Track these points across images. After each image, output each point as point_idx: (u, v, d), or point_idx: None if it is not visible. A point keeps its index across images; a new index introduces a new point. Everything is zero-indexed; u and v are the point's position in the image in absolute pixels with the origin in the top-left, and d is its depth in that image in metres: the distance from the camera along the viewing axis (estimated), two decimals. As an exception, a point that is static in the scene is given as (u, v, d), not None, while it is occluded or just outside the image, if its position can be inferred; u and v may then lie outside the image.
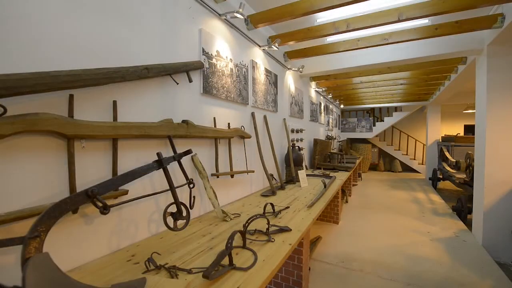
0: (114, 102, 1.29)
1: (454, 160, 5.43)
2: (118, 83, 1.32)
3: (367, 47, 3.21)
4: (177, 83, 1.69)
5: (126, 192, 1.32)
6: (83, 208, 1.18)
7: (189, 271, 1.08)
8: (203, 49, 1.94)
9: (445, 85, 5.32)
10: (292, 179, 3.33)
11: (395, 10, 2.45)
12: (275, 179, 3.16)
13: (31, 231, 0.77)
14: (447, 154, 6.02)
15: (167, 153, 1.61)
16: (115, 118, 1.29)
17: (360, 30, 2.74)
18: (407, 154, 9.97)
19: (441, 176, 6.46)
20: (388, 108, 10.15)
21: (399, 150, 9.95)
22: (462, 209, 4.06)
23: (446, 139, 6.74)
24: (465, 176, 4.82)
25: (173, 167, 1.66)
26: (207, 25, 2.03)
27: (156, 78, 1.56)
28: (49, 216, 0.81)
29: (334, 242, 3.11)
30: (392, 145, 10.25)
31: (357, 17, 2.63)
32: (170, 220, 1.34)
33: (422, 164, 9.52)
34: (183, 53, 1.78)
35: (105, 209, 0.96)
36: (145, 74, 1.41)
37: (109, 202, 1.23)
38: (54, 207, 0.83)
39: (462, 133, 9.47)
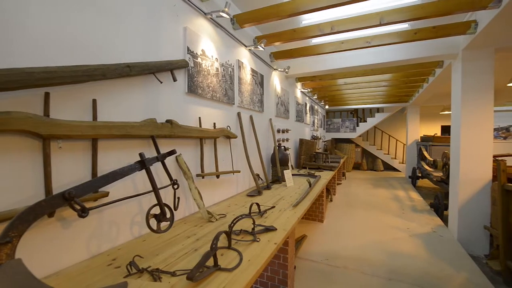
0: (94, 101, 1.24)
1: (432, 159, 5.70)
2: (98, 81, 1.27)
3: (350, 49, 3.30)
4: (161, 82, 1.65)
5: (106, 194, 1.27)
6: (60, 211, 1.13)
7: (173, 274, 1.06)
8: (188, 47, 1.91)
9: (424, 87, 5.56)
10: (278, 179, 3.36)
11: (376, 14, 2.53)
12: (261, 179, 3.18)
13: (2, 236, 0.73)
14: (425, 153, 6.30)
15: (151, 153, 1.57)
16: (94, 118, 1.24)
17: (344, 33, 2.81)
18: (388, 154, 10.32)
19: (420, 175, 6.75)
20: (370, 109, 10.46)
21: (381, 149, 10.29)
22: (439, 205, 4.27)
23: (425, 139, 7.05)
24: (441, 174, 5.06)
25: (156, 168, 1.62)
26: (192, 24, 2.00)
27: (139, 76, 1.52)
28: (21, 220, 0.77)
29: (319, 240, 3.17)
30: (374, 145, 10.58)
31: (341, 20, 2.69)
32: (153, 222, 1.31)
33: (403, 163, 9.89)
34: (168, 51, 1.75)
35: (83, 212, 0.92)
36: (127, 72, 1.36)
37: (89, 205, 1.19)
38: (28, 210, 0.79)
39: (439, 134, 9.95)
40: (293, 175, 3.75)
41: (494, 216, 2.80)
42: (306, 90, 5.96)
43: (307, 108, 6.31)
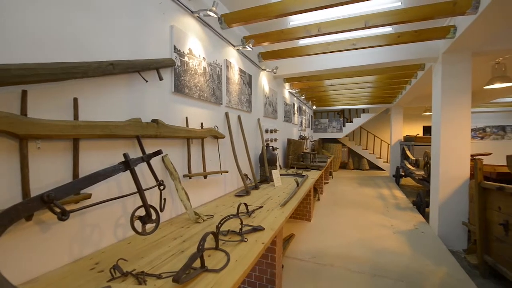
0: (75, 100, 1.20)
1: (414, 159, 5.91)
2: (79, 79, 1.23)
3: (337, 51, 3.36)
4: (146, 81, 1.62)
5: (88, 196, 1.23)
6: (39, 214, 1.08)
7: (159, 276, 1.04)
8: (174, 46, 1.88)
9: (407, 89, 5.75)
10: (266, 179, 3.37)
11: (362, 17, 2.59)
12: (249, 179, 3.18)
13: (-26, 242, 0.69)
14: (408, 153, 6.51)
15: (136, 154, 1.54)
16: (76, 117, 1.20)
17: (331, 35, 2.86)
18: (373, 153, 10.60)
19: (403, 173, 6.98)
20: (356, 109, 10.70)
21: (366, 149, 10.55)
22: (421, 203, 4.43)
23: (407, 139, 7.29)
24: (423, 173, 5.26)
25: (142, 168, 1.59)
26: (179, 22, 1.97)
27: (124, 75, 1.48)
28: (-4, 225, 0.73)
29: (307, 239, 3.20)
30: (360, 144, 10.83)
31: (327, 22, 2.73)
32: (138, 224, 1.28)
33: (387, 162, 10.18)
34: (154, 50, 1.71)
35: (63, 215, 0.89)
36: (110, 70, 1.33)
37: (70, 207, 1.14)
38: (2, 214, 0.75)
39: (421, 134, 10.31)
40: (281, 175, 3.77)
41: (471, 213, 2.94)
42: (294, 91, 6.02)
43: (295, 108, 6.37)
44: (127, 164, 1.19)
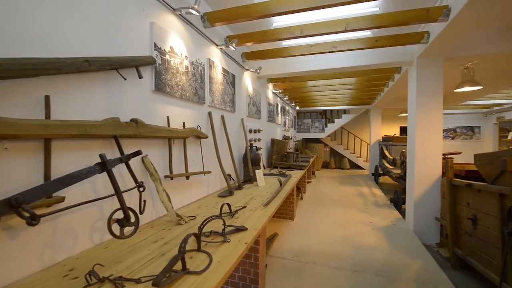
0: (47, 97, 1.13)
1: (392, 158, 6.17)
2: (52, 76, 1.16)
3: (319, 53, 3.43)
4: (125, 79, 1.56)
5: (62, 199, 1.17)
6: (6, 219, 1.01)
7: (138, 281, 1.01)
8: (155, 44, 1.83)
9: (385, 91, 5.99)
10: (250, 179, 3.37)
11: (343, 20, 2.66)
12: (232, 179, 3.16)
13: None
14: (386, 152, 6.79)
15: (114, 155, 1.48)
16: (47, 116, 1.13)
17: (313, 37, 2.91)
18: (354, 153, 10.94)
19: (381, 172, 7.26)
20: (338, 110, 10.99)
21: (347, 149, 10.88)
22: (398, 200, 4.63)
23: (385, 139, 7.60)
24: (400, 171, 5.50)
25: (120, 170, 1.53)
26: (160, 19, 1.93)
27: (100, 72, 1.42)
28: (-45, 233, 0.68)
29: (290, 238, 3.25)
30: (341, 144, 11.15)
31: (310, 24, 2.79)
32: (116, 228, 1.24)
33: (367, 161, 10.55)
34: (133, 46, 1.66)
35: (33, 220, 0.84)
36: (86, 67, 1.27)
37: (41, 211, 1.08)
38: (-37, 221, 0.69)
39: (398, 134, 10.79)
40: (264, 174, 3.79)
41: (443, 208, 3.12)
42: (278, 91, 6.07)
43: (279, 108, 6.43)
44: (104, 165, 1.14)
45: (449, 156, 3.74)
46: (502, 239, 2.01)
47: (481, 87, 3.55)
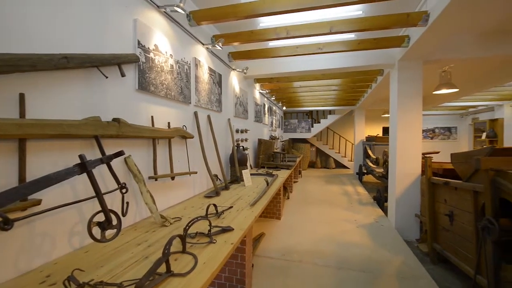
0: (21, 95, 1.08)
1: (375, 157, 6.35)
2: (27, 73, 1.11)
3: (305, 54, 3.48)
4: (107, 77, 1.51)
5: (38, 202, 1.11)
6: (-25, 225, 0.95)
7: (120, 285, 0.98)
8: (138, 41, 1.79)
9: (368, 92, 6.17)
10: (236, 179, 3.36)
11: (328, 23, 2.71)
12: (219, 179, 3.14)
13: None
14: (369, 152, 6.98)
15: (95, 155, 1.43)
16: (22, 115, 1.07)
17: (299, 38, 2.94)
18: (339, 153, 11.18)
19: (365, 171, 7.47)
20: (323, 111, 11.19)
21: (332, 149, 11.10)
22: (380, 198, 4.78)
23: (369, 139, 7.82)
24: (382, 170, 5.67)
25: (102, 171, 1.48)
26: (143, 16, 1.88)
27: (80, 69, 1.36)
28: None
29: (276, 237, 3.27)
30: (327, 144, 11.36)
31: (295, 26, 2.82)
32: (97, 231, 1.19)
33: (351, 161, 10.80)
34: (115, 43, 1.61)
35: (6, 224, 0.79)
36: (64, 64, 1.21)
37: (15, 215, 1.02)
38: None
39: (381, 134, 11.13)
40: (251, 174, 3.79)
41: (423, 205, 3.25)
42: (265, 91, 6.10)
43: (266, 109, 6.46)
44: (84, 166, 1.10)
45: (428, 155, 3.90)
46: (476, 234, 2.12)
47: (457, 90, 3.73)
